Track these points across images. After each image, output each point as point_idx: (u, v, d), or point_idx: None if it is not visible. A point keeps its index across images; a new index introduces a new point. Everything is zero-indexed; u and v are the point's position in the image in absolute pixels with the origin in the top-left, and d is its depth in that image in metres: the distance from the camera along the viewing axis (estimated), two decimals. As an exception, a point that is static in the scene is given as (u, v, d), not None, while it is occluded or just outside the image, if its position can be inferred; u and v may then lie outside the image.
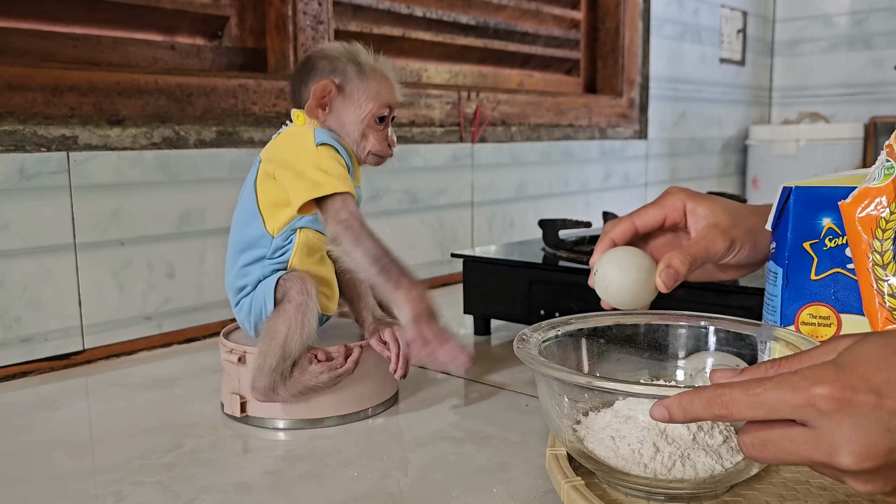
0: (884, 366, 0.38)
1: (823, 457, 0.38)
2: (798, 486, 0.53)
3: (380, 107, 0.70)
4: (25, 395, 0.78)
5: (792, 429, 0.40)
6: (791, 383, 0.39)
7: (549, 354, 0.57)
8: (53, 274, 0.86)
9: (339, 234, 0.64)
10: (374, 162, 0.72)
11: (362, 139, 0.70)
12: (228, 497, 0.55)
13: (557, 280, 0.89)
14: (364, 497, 0.54)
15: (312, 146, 0.67)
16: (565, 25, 1.69)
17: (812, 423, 0.39)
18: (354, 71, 0.69)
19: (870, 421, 0.37)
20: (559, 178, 1.58)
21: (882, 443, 0.37)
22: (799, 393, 0.39)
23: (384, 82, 0.71)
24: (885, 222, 0.54)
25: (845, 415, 0.38)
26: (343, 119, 0.70)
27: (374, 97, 0.70)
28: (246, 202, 0.70)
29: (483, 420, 0.69)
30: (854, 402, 0.38)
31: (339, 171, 0.66)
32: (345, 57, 0.70)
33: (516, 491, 0.55)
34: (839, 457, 0.38)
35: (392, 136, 0.72)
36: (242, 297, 0.71)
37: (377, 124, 0.70)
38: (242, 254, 0.70)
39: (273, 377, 0.65)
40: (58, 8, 0.92)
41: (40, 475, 0.59)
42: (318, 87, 0.68)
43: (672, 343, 0.62)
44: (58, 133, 0.86)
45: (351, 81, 0.69)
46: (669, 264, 0.62)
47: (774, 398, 0.39)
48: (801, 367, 0.40)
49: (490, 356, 0.90)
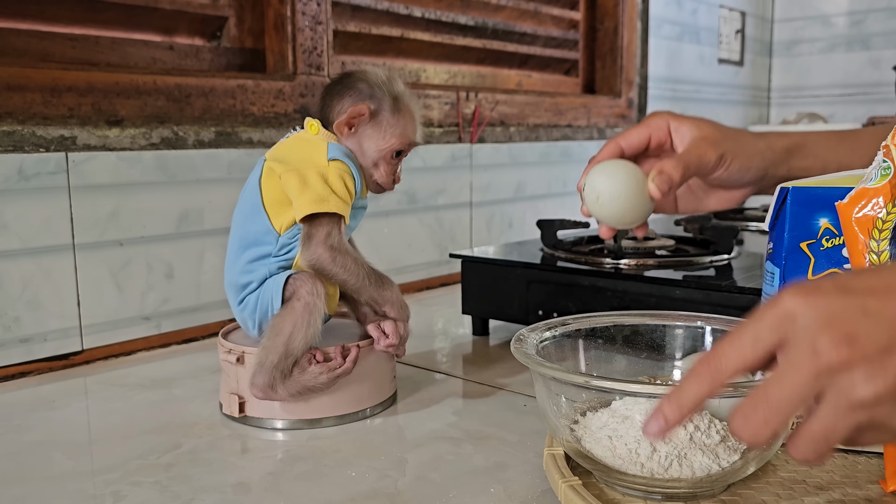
0: (843, 276, 0.38)
1: (812, 363, 0.35)
2: (795, 485, 0.53)
3: (402, 144, 0.72)
4: (24, 395, 0.78)
5: (777, 367, 0.37)
6: (761, 309, 0.38)
7: (547, 355, 0.58)
8: (52, 274, 0.86)
9: (323, 258, 0.67)
10: (374, 190, 0.75)
11: (374, 168, 0.72)
12: (227, 497, 0.55)
13: (555, 280, 0.89)
14: (362, 497, 0.55)
15: (324, 159, 0.68)
16: (564, 26, 1.69)
17: (790, 336, 0.37)
18: (390, 104, 0.71)
19: (842, 305, 0.36)
20: (558, 179, 1.58)
21: (861, 324, 0.35)
22: (769, 309, 0.37)
23: (411, 122, 0.73)
24: (882, 223, 0.54)
25: (815, 306, 0.36)
26: (364, 144, 0.72)
27: (400, 134, 0.72)
28: (249, 198, 0.71)
29: (481, 420, 0.70)
30: (821, 292, 0.36)
31: (342, 192, 0.68)
32: (385, 87, 0.72)
33: (514, 491, 0.55)
34: (823, 352, 0.35)
35: (399, 173, 0.75)
36: (247, 293, 0.70)
37: (393, 158, 0.73)
38: (246, 251, 0.70)
39: (273, 374, 0.65)
40: (56, 8, 0.93)
41: (39, 475, 0.59)
42: (356, 108, 0.70)
43: (669, 343, 0.62)
44: (56, 133, 0.86)
45: (384, 112, 0.71)
46: (662, 170, 0.62)
47: (751, 327, 0.38)
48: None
49: (488, 356, 0.91)
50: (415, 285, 1.28)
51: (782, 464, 0.57)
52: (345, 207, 0.68)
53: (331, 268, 0.67)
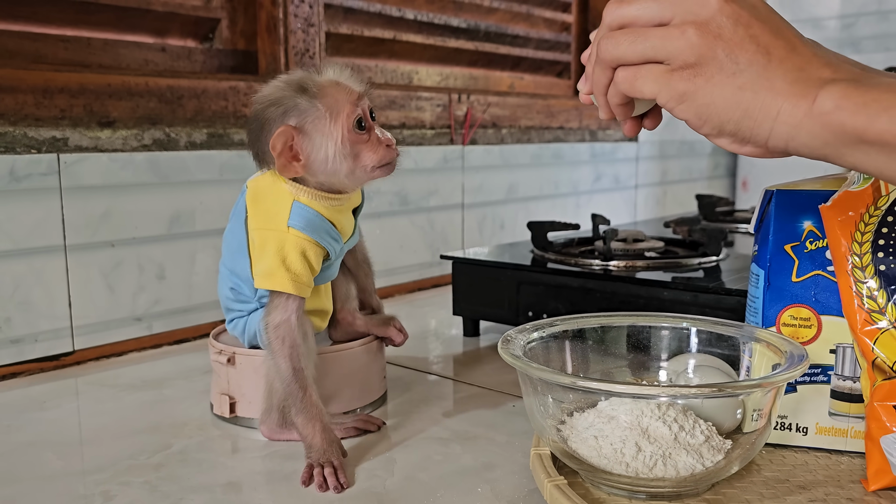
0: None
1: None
2: (778, 484, 0.54)
3: (349, 116, 0.61)
4: (15, 395, 0.79)
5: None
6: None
7: (534, 356, 0.58)
8: (43, 275, 0.86)
9: (271, 339, 0.62)
10: (384, 173, 0.64)
11: (356, 161, 0.62)
12: (216, 497, 0.55)
13: (545, 282, 0.90)
14: (350, 497, 0.55)
15: (284, 223, 0.62)
16: (556, 28, 1.70)
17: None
18: (305, 101, 0.60)
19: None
20: (549, 181, 1.58)
21: (733, 29, 0.41)
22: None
23: (337, 90, 0.61)
24: (864, 225, 0.55)
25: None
26: (321, 157, 0.61)
27: (337, 113, 0.61)
28: (237, 231, 0.66)
29: (469, 421, 0.70)
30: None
31: (297, 266, 0.62)
32: (290, 91, 0.61)
33: (501, 490, 0.56)
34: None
35: (385, 136, 0.64)
36: (236, 317, 0.70)
37: (360, 134, 0.62)
38: (233, 278, 0.68)
39: (283, 415, 0.65)
40: (48, 10, 0.93)
41: (29, 475, 0.59)
42: (275, 140, 0.59)
43: (655, 345, 0.63)
44: (48, 135, 0.86)
45: (307, 114, 0.60)
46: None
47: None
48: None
49: (479, 357, 0.91)
50: (406, 286, 1.29)
51: (766, 463, 0.57)
52: (293, 284, 0.61)
53: (268, 346, 0.62)
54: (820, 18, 2.32)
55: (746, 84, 0.41)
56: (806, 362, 0.50)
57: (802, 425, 0.59)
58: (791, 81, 0.40)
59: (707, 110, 0.42)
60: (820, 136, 0.40)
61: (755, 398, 0.51)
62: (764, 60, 0.41)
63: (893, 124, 0.37)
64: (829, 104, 0.39)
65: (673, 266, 0.90)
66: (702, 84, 0.41)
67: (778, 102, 0.40)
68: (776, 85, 0.40)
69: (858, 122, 0.38)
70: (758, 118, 0.41)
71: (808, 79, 0.40)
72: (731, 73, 0.41)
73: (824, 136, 0.39)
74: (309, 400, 0.61)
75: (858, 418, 0.58)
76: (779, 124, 0.40)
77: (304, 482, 0.57)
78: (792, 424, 0.60)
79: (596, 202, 1.71)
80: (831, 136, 0.39)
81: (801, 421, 0.59)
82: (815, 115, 0.39)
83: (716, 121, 0.42)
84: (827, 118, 0.39)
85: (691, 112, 0.43)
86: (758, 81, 0.40)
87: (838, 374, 0.58)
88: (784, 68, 0.40)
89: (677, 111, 0.43)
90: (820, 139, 0.40)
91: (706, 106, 0.42)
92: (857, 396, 0.57)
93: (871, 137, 0.38)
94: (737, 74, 0.41)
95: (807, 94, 0.40)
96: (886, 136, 0.38)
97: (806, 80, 0.40)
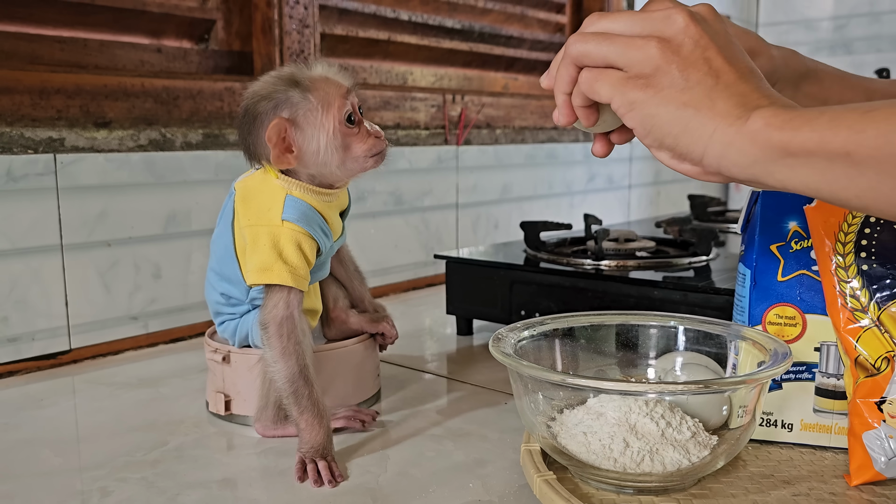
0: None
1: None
2: (763, 479, 0.55)
3: (340, 109, 0.63)
4: (12, 393, 0.79)
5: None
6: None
7: (525, 354, 0.59)
8: (40, 274, 0.87)
9: (272, 335, 0.62)
10: (374, 164, 0.66)
11: (346, 153, 0.64)
12: (212, 493, 0.56)
13: (538, 281, 0.91)
14: (344, 492, 0.56)
15: (278, 217, 0.63)
16: (550, 29, 1.71)
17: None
18: (298, 94, 0.62)
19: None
20: (543, 181, 1.59)
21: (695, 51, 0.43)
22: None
23: (327, 84, 0.63)
24: (848, 226, 0.56)
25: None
26: (314, 149, 0.63)
27: (328, 105, 0.63)
28: (224, 234, 0.67)
29: (462, 418, 0.71)
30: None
31: (294, 258, 0.62)
32: (281, 85, 0.62)
33: (492, 486, 0.57)
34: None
35: (374, 128, 0.66)
36: (227, 319, 0.70)
37: (350, 127, 0.64)
38: (222, 282, 0.68)
39: (277, 412, 0.65)
40: (45, 11, 0.93)
41: (27, 472, 0.60)
42: (271, 132, 0.61)
43: (644, 343, 0.64)
44: (45, 135, 0.87)
45: (299, 107, 0.62)
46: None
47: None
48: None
49: (472, 356, 0.92)
50: (401, 286, 1.30)
51: (752, 459, 0.59)
52: (292, 277, 0.62)
53: (268, 340, 0.62)
54: (812, 20, 2.33)
55: (691, 101, 0.42)
56: (789, 360, 0.51)
57: (788, 422, 0.61)
58: (732, 105, 0.42)
59: (651, 121, 0.43)
60: (749, 153, 0.41)
61: (740, 395, 0.52)
62: (712, 82, 0.42)
63: (814, 133, 0.38)
64: (759, 122, 0.40)
65: (663, 266, 0.92)
66: (651, 95, 0.43)
67: (715, 122, 0.42)
68: (717, 106, 0.42)
69: (784, 136, 0.39)
70: (694, 135, 0.42)
71: (746, 104, 0.42)
72: (679, 88, 0.42)
73: (753, 152, 0.41)
74: (315, 397, 0.61)
75: (842, 415, 0.59)
76: (713, 143, 0.42)
77: (300, 478, 0.58)
78: (777, 421, 0.61)
79: (590, 202, 1.72)
80: (759, 152, 0.40)
81: (786, 417, 0.61)
82: (745, 133, 0.41)
83: (657, 133, 0.44)
84: (756, 135, 0.40)
85: (637, 121, 0.44)
86: (702, 101, 0.42)
87: (823, 372, 0.59)
88: (728, 93, 0.42)
89: (627, 118, 0.45)
90: (749, 156, 0.41)
91: (650, 117, 0.43)
92: (840, 393, 0.59)
93: (795, 148, 0.39)
94: (684, 91, 0.42)
95: (742, 116, 0.41)
96: (808, 145, 0.39)
97: (744, 104, 0.42)
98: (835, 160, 0.38)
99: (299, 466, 0.59)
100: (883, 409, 0.53)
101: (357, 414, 0.67)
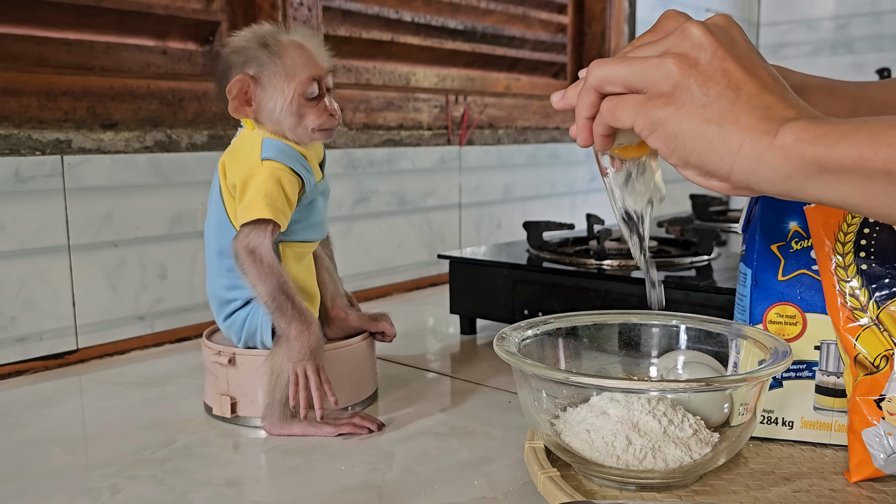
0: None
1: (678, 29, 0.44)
2: (763, 476, 0.56)
3: (302, 83, 0.66)
4: (21, 393, 0.80)
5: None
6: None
7: (529, 353, 0.60)
8: (48, 275, 0.88)
9: (244, 261, 0.64)
10: (321, 137, 0.69)
11: (300, 120, 0.67)
12: (220, 490, 0.57)
13: (541, 281, 0.91)
14: (351, 489, 0.57)
15: (258, 159, 0.66)
16: (552, 30, 1.72)
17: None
18: (265, 55, 0.65)
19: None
20: (546, 181, 1.60)
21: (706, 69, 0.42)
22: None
23: (301, 54, 0.66)
24: (847, 226, 0.57)
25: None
26: (270, 108, 0.66)
27: (293, 75, 0.65)
28: (215, 210, 0.69)
29: (466, 416, 0.72)
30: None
31: (273, 194, 0.64)
32: (253, 43, 0.66)
33: (496, 483, 0.57)
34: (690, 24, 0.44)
35: (332, 106, 0.68)
36: (233, 310, 0.71)
37: (309, 100, 0.66)
38: (225, 259, 0.69)
39: (284, 411, 0.66)
40: (51, 14, 0.94)
41: (38, 469, 0.61)
42: (232, 85, 0.65)
43: (646, 342, 0.65)
44: (52, 137, 0.88)
45: (265, 67, 0.65)
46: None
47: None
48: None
49: (475, 355, 0.93)
50: (404, 285, 1.31)
51: (753, 456, 0.59)
52: (271, 210, 0.64)
53: (242, 268, 0.65)
54: (814, 19, 2.34)
55: (713, 117, 0.41)
56: (789, 358, 0.52)
57: (788, 419, 0.61)
58: (757, 118, 0.41)
59: (674, 140, 0.43)
60: (781, 168, 0.40)
61: (741, 393, 0.53)
62: (733, 95, 0.41)
63: (851, 149, 0.38)
64: (790, 137, 0.40)
65: (665, 265, 0.92)
66: (672, 113, 0.42)
67: (741, 137, 0.41)
68: (741, 120, 0.41)
69: (818, 152, 0.39)
70: (720, 151, 0.42)
71: (773, 117, 0.41)
72: (700, 104, 0.42)
73: (785, 168, 0.40)
74: (299, 307, 0.64)
75: (842, 412, 0.60)
76: (741, 158, 0.41)
77: (293, 406, 0.64)
78: (778, 419, 0.61)
79: (592, 202, 1.72)
80: (792, 168, 0.40)
81: (787, 415, 0.61)
82: (775, 148, 0.40)
83: (682, 151, 0.43)
84: (788, 150, 0.40)
85: (661, 141, 0.44)
86: (724, 115, 0.41)
87: (823, 370, 0.60)
88: (751, 105, 0.41)
89: (650, 140, 0.44)
90: (781, 172, 0.40)
91: (674, 136, 0.43)
92: (840, 391, 0.59)
93: (831, 165, 0.39)
94: (706, 106, 0.42)
95: (770, 131, 0.40)
96: (846, 162, 0.38)
97: (770, 118, 0.41)
98: (875, 178, 0.38)
99: (294, 379, 0.63)
100: (882, 406, 0.54)
101: (363, 421, 0.68)
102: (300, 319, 0.64)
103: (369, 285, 1.24)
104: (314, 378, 0.63)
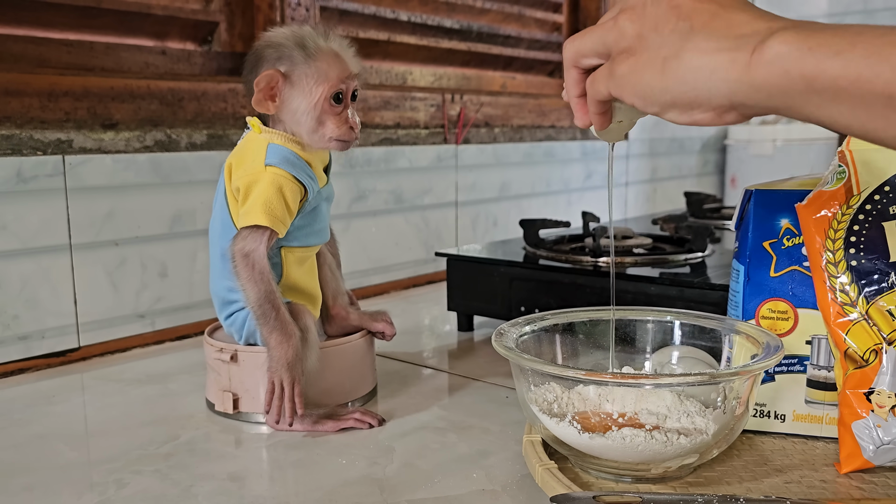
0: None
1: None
2: (756, 467, 0.57)
3: (331, 87, 0.67)
4: (23, 390, 0.81)
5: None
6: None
7: (526, 348, 0.61)
8: (50, 274, 0.88)
9: (238, 264, 0.65)
10: (338, 147, 0.69)
11: (319, 126, 0.68)
12: (224, 484, 0.58)
13: (537, 278, 0.92)
14: (352, 482, 0.58)
15: (261, 164, 0.66)
16: (547, 29, 1.73)
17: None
18: (301, 56, 0.66)
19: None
20: (541, 179, 1.61)
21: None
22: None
23: (334, 60, 0.67)
24: (837, 223, 0.58)
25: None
26: (293, 107, 0.67)
27: (323, 79, 0.67)
28: (220, 212, 0.70)
29: (465, 411, 0.73)
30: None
31: (272, 202, 0.65)
32: (291, 42, 0.67)
33: (495, 476, 0.59)
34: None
35: (354, 119, 0.69)
36: (235, 311, 0.72)
37: (333, 106, 0.67)
38: (227, 261, 0.69)
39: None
40: (52, 15, 0.95)
41: (44, 465, 0.62)
42: (261, 78, 0.66)
43: (641, 337, 0.66)
44: (53, 137, 0.88)
45: (298, 67, 0.66)
46: None
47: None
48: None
49: (473, 351, 0.94)
50: (401, 283, 1.32)
51: (746, 448, 0.61)
52: (269, 218, 0.65)
53: (235, 269, 0.66)
54: (807, 17, 2.35)
55: (671, 53, 0.41)
56: (781, 352, 0.53)
57: (780, 413, 0.63)
58: (720, 38, 0.39)
59: (642, 87, 0.42)
60: (763, 88, 0.38)
61: (734, 386, 0.54)
62: (685, 27, 0.40)
63: (847, 69, 0.35)
64: (770, 52, 0.37)
65: (660, 262, 0.93)
66: (633, 63, 0.42)
67: (708, 61, 0.39)
68: (700, 46, 0.40)
69: (806, 69, 0.36)
70: (689, 81, 0.40)
71: (741, 34, 0.39)
72: (657, 46, 0.41)
73: (768, 88, 0.37)
74: (282, 318, 0.65)
75: (833, 405, 0.61)
76: (715, 82, 0.39)
77: (267, 410, 0.66)
78: (770, 412, 0.63)
79: (587, 199, 1.74)
80: (776, 87, 0.37)
81: (779, 409, 0.63)
82: (754, 66, 0.38)
83: (653, 96, 0.42)
84: (769, 68, 0.37)
85: (631, 93, 0.43)
86: (683, 47, 0.40)
87: (814, 364, 0.61)
88: (707, 30, 0.40)
89: (625, 97, 0.44)
90: (763, 92, 0.38)
91: (640, 84, 0.42)
92: (831, 385, 0.61)
93: (822, 85, 0.35)
94: (662, 46, 0.41)
95: (742, 47, 0.38)
96: (840, 83, 0.35)
97: (738, 35, 0.39)
98: (873, 102, 0.35)
99: (269, 388, 0.65)
100: (871, 399, 0.55)
101: (365, 416, 0.69)
102: (281, 331, 0.65)
103: (367, 283, 1.25)
104: (287, 390, 0.65)
